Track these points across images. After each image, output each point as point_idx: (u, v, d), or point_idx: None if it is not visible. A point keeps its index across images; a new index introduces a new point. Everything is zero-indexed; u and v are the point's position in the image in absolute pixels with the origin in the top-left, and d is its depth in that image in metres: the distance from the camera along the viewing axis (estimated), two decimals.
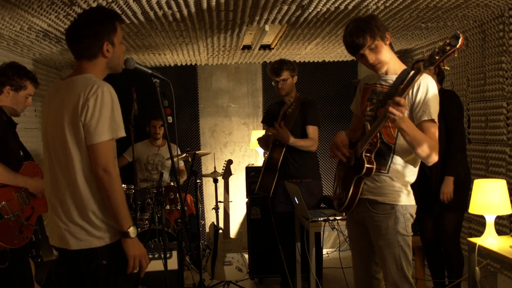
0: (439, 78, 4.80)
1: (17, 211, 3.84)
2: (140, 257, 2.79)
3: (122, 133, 2.74)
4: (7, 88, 3.97)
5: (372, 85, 3.39)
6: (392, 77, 3.25)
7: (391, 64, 3.25)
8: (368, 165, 3.19)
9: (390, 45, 3.28)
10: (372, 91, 3.37)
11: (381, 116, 3.04)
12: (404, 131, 3.00)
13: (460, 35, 2.76)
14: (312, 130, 5.13)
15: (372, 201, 3.27)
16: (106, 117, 2.66)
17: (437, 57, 2.83)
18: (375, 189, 3.26)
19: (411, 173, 3.28)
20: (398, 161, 3.23)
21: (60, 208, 2.78)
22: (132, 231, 2.73)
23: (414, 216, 3.32)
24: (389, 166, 3.23)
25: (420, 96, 3.11)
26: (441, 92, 4.72)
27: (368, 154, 3.20)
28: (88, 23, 2.78)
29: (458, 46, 2.76)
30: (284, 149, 5.05)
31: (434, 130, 3.12)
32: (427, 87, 3.12)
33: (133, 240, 2.75)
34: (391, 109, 2.89)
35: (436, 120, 3.12)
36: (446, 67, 3.00)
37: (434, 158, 3.10)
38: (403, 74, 3.19)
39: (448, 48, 2.79)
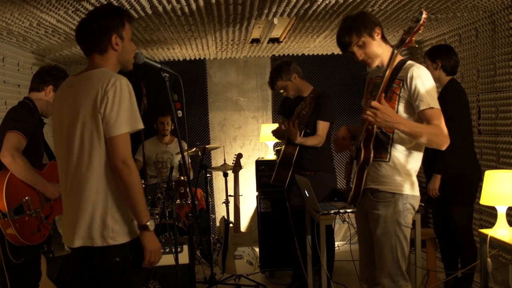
0: (445, 68, 4.73)
1: (38, 208, 3.87)
2: (156, 252, 2.82)
3: (141, 125, 2.76)
4: (50, 88, 4.04)
5: (374, 78, 3.47)
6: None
7: (384, 57, 3.30)
8: (365, 152, 3.24)
9: (384, 39, 3.35)
10: (373, 84, 3.45)
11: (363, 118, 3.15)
12: (404, 132, 3.12)
13: (423, 11, 2.93)
14: (322, 126, 5.12)
15: (373, 190, 3.31)
16: (125, 110, 2.67)
17: (405, 36, 2.99)
18: (376, 178, 3.30)
19: (414, 160, 3.30)
20: (399, 149, 3.27)
21: (75, 206, 2.77)
22: (150, 224, 2.76)
23: (416, 208, 3.34)
24: (390, 154, 3.27)
25: (414, 85, 3.15)
26: (447, 84, 4.69)
27: (367, 143, 3.25)
28: (95, 18, 2.83)
29: (422, 21, 2.91)
30: (298, 145, 5.07)
31: (438, 115, 3.15)
32: (419, 75, 3.16)
33: (151, 234, 2.79)
34: (366, 114, 3.07)
35: (436, 106, 3.15)
36: (415, 45, 3.11)
37: (445, 142, 3.17)
38: (399, 65, 3.25)
39: (414, 25, 2.94)
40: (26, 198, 3.77)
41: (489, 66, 5.22)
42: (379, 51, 3.29)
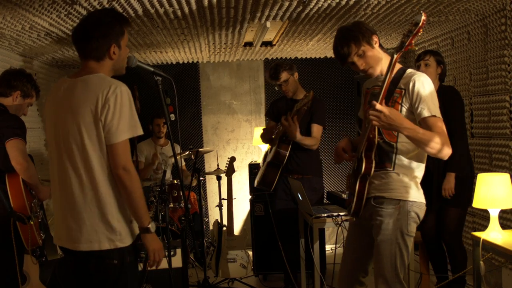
0: (442, 76, 4.76)
1: (38, 211, 3.98)
2: (159, 251, 2.89)
3: (141, 131, 2.78)
4: (17, 93, 4.08)
5: (371, 88, 3.41)
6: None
7: (384, 65, 3.23)
8: (366, 163, 3.17)
9: (381, 47, 3.32)
10: (371, 94, 3.38)
11: (367, 120, 3.05)
12: (409, 137, 3.03)
13: (422, 13, 2.89)
14: (317, 129, 5.13)
15: (377, 198, 3.24)
16: (126, 117, 2.69)
17: (404, 40, 2.96)
18: (381, 186, 3.23)
19: (418, 168, 3.26)
20: (403, 158, 3.21)
21: (72, 210, 2.77)
22: (152, 226, 2.81)
23: (421, 216, 3.28)
24: (394, 163, 3.21)
25: (416, 93, 3.09)
26: (442, 88, 4.71)
27: (368, 153, 3.18)
28: (97, 24, 2.80)
29: (421, 23, 2.88)
30: (290, 145, 5.04)
31: (440, 124, 3.09)
32: (422, 83, 3.11)
33: (153, 235, 2.84)
34: (370, 118, 2.96)
35: (438, 114, 3.10)
36: (414, 48, 3.04)
37: (447, 152, 3.08)
38: (399, 73, 3.20)
39: (414, 28, 2.92)
40: (34, 201, 3.90)
41: (481, 69, 5.23)
42: (379, 59, 3.25)
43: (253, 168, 6.31)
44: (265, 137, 5.49)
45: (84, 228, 2.75)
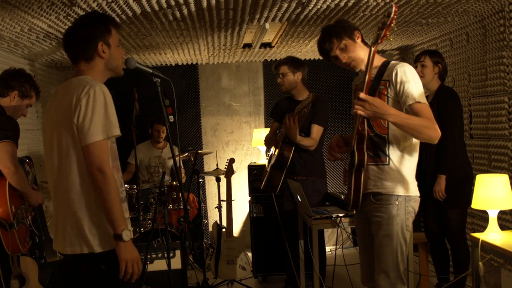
0: (441, 75, 4.78)
1: (28, 216, 3.91)
2: (133, 262, 2.73)
3: (117, 132, 2.74)
4: (14, 93, 4.02)
5: (359, 84, 3.44)
6: (373, 71, 3.31)
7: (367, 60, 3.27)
8: (358, 156, 3.22)
9: (364, 42, 3.40)
10: (360, 89, 3.41)
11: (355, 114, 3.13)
12: (395, 123, 3.10)
13: (393, 5, 2.98)
14: (316, 130, 5.12)
15: (376, 194, 3.31)
16: (99, 117, 2.66)
17: (379, 32, 3.05)
18: (379, 182, 3.30)
19: (412, 160, 3.32)
20: (396, 150, 3.27)
21: (61, 213, 2.79)
22: (125, 234, 2.68)
23: (416, 210, 3.36)
24: (388, 157, 3.28)
25: (399, 82, 3.18)
26: (441, 88, 4.72)
27: (360, 146, 3.23)
28: (81, 26, 2.83)
29: (392, 14, 2.96)
30: (293, 147, 5.04)
31: (426, 109, 3.16)
32: (404, 72, 3.18)
33: (126, 244, 2.70)
34: (354, 108, 3.06)
35: (424, 100, 3.17)
36: (390, 38, 3.11)
37: (435, 135, 3.15)
38: (383, 66, 3.29)
39: (387, 19, 2.99)
40: (22, 206, 3.81)
41: (480, 70, 5.23)
42: (362, 54, 3.33)
43: (252, 169, 6.30)
44: (270, 142, 5.47)
45: (66, 231, 2.75)
